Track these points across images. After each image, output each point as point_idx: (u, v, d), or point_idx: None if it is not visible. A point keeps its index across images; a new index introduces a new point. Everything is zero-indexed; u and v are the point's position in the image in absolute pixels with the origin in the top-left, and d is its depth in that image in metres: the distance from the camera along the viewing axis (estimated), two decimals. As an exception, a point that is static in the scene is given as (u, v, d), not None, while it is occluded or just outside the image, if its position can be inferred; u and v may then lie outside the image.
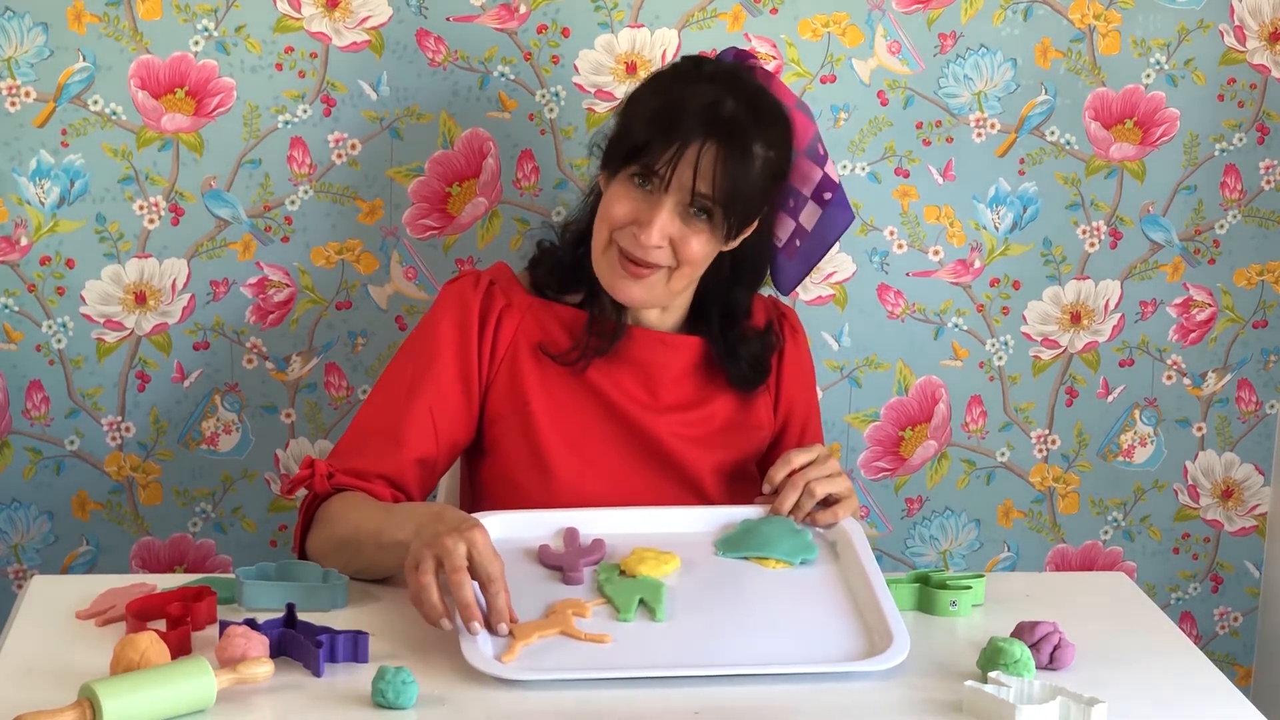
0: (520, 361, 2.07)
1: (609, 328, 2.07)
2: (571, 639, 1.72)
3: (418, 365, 2.05)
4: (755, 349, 2.14)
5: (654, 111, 1.97)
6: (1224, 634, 2.72)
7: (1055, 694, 1.60)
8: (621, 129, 2.03)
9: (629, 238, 1.98)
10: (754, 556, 1.89)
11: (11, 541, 2.44)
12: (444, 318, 2.07)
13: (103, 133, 2.32)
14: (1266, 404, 2.64)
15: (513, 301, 2.09)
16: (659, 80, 2.05)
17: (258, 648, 1.64)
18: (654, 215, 1.96)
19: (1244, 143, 2.54)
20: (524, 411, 2.06)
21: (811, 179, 2.12)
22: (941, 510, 2.61)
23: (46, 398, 2.39)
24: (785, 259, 2.16)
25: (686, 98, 1.97)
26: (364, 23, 2.34)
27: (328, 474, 1.96)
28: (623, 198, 1.98)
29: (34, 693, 1.58)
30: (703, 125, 1.94)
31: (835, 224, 2.13)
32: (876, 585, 1.82)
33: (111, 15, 2.29)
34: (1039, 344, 2.57)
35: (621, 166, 1.99)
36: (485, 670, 1.65)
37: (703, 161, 1.94)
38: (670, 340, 2.10)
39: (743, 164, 1.95)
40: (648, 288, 2.01)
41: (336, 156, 2.38)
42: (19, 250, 2.35)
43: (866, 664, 1.70)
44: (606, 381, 2.07)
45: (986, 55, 2.45)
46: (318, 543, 1.94)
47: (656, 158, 1.94)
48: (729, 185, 1.95)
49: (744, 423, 2.14)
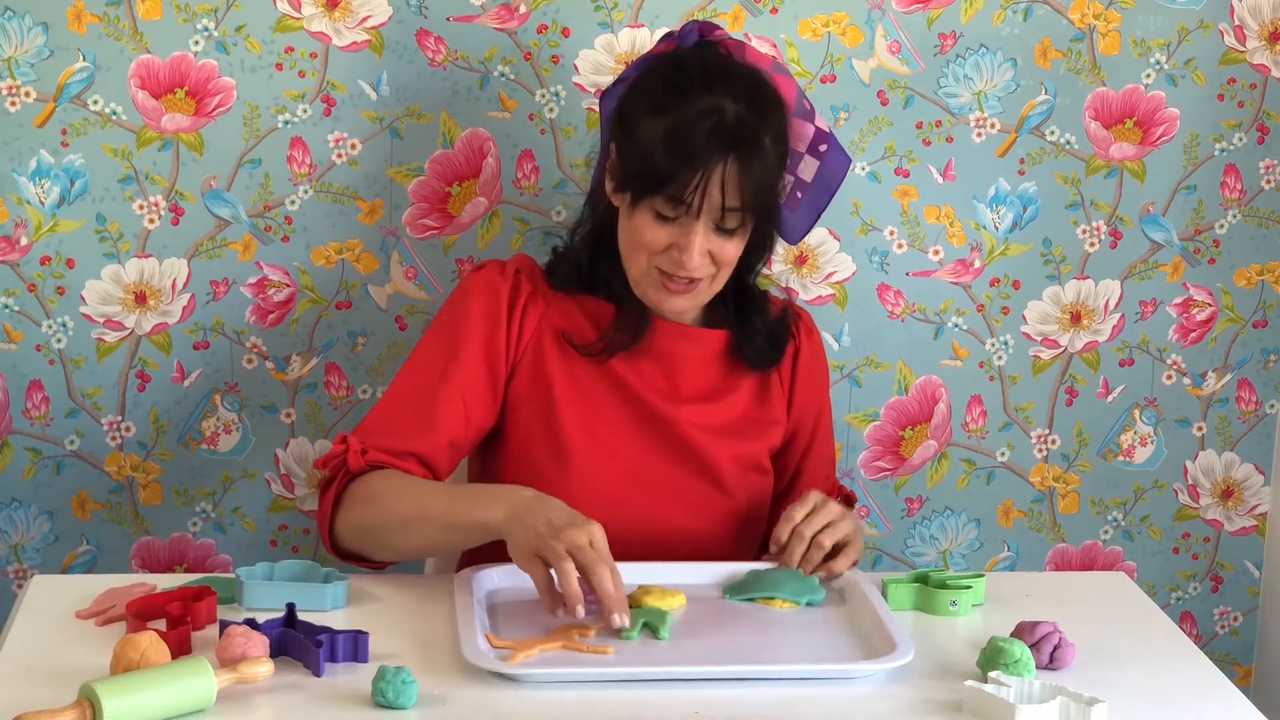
0: (544, 348, 2.08)
1: (633, 321, 2.08)
2: (574, 651, 1.73)
3: (449, 348, 2.06)
4: (771, 324, 2.15)
5: (664, 139, 1.94)
6: (1224, 634, 2.72)
7: (1055, 694, 1.60)
8: (633, 155, 1.99)
9: (669, 262, 1.99)
10: (760, 598, 1.91)
11: (11, 541, 2.44)
12: (474, 302, 2.08)
13: (103, 133, 2.32)
14: (1266, 404, 2.64)
15: (538, 290, 2.10)
16: (650, 96, 2.00)
17: (258, 648, 1.64)
18: (690, 240, 1.96)
19: (1244, 143, 2.54)
20: (546, 397, 2.07)
21: (805, 135, 2.11)
22: (941, 510, 2.61)
23: (46, 397, 2.39)
24: (788, 211, 2.14)
25: (690, 116, 1.94)
26: (364, 23, 2.34)
27: (361, 450, 1.97)
28: (650, 228, 1.98)
29: (34, 692, 1.59)
30: (719, 143, 1.93)
31: (836, 171, 2.13)
32: (884, 615, 1.82)
33: (111, 15, 2.29)
34: (1039, 344, 2.57)
35: (642, 196, 1.97)
36: (488, 667, 1.65)
37: (727, 180, 1.93)
38: (693, 333, 2.11)
39: (762, 163, 1.96)
40: (694, 297, 2.04)
41: (336, 156, 2.38)
42: (19, 250, 2.35)
43: (867, 665, 1.70)
44: (629, 371, 2.08)
45: (986, 55, 2.45)
46: (354, 520, 1.95)
47: (683, 188, 1.93)
48: (755, 190, 1.96)
49: (760, 417, 2.15)
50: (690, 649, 1.76)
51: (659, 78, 2.02)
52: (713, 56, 2.03)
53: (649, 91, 2.01)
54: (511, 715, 1.60)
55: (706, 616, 1.86)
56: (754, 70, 2.03)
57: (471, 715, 1.59)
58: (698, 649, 1.76)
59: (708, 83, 1.97)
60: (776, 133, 2.00)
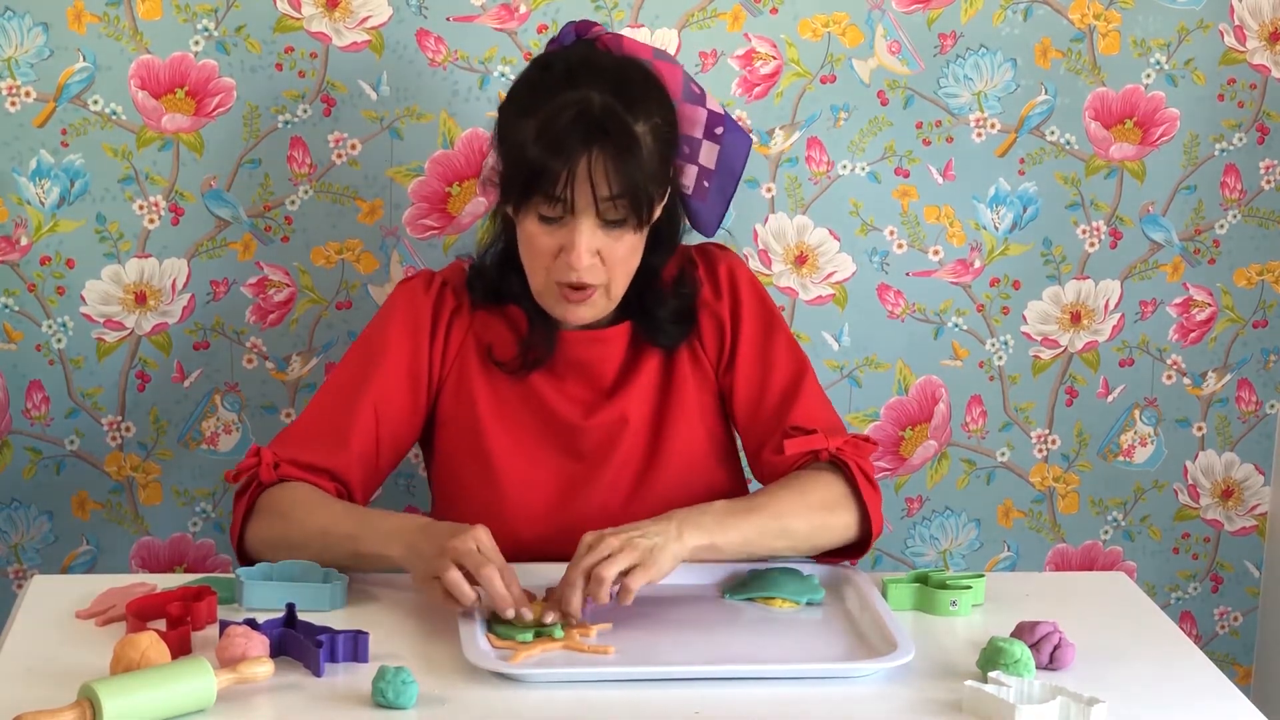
0: (469, 365, 2.07)
1: (544, 336, 2.06)
2: (574, 651, 1.74)
3: (366, 364, 2.06)
4: (672, 305, 2.08)
5: (533, 139, 1.92)
6: (1224, 634, 2.72)
7: (1055, 694, 1.60)
8: (508, 161, 1.98)
9: (561, 269, 1.96)
10: (760, 597, 1.91)
11: (11, 541, 2.44)
12: (395, 318, 2.07)
13: (103, 133, 2.32)
14: (1266, 404, 2.64)
15: (463, 304, 2.09)
16: (519, 100, 1.99)
17: (258, 648, 1.64)
18: (575, 239, 1.93)
19: (1244, 143, 2.54)
20: (471, 415, 2.06)
21: (698, 120, 2.08)
22: (941, 510, 2.61)
23: (46, 397, 2.39)
24: (699, 204, 2.11)
25: (554, 111, 1.92)
26: (364, 23, 2.34)
27: (274, 464, 1.97)
28: (539, 234, 1.96)
29: (34, 692, 1.59)
30: (581, 135, 1.90)
31: (738, 152, 2.10)
32: (885, 615, 1.82)
33: (111, 15, 2.29)
34: (1039, 344, 2.57)
35: (522, 200, 1.96)
36: (488, 667, 1.65)
37: (595, 171, 1.90)
38: (600, 335, 2.08)
39: (633, 153, 1.91)
40: (593, 306, 2.01)
41: (336, 156, 2.38)
42: (19, 250, 2.35)
43: (867, 665, 1.70)
44: (549, 389, 2.06)
45: (986, 55, 2.45)
46: (262, 531, 1.95)
47: (553, 184, 1.91)
48: (629, 179, 1.91)
49: (689, 392, 2.09)
50: (690, 649, 1.76)
51: (527, 80, 2.01)
52: (580, 52, 2.00)
53: (518, 95, 2.00)
54: (511, 715, 1.60)
55: (706, 617, 1.86)
56: (625, 60, 2.00)
57: (471, 715, 1.60)
58: (698, 649, 1.76)
59: (571, 77, 1.94)
60: (649, 116, 1.95)
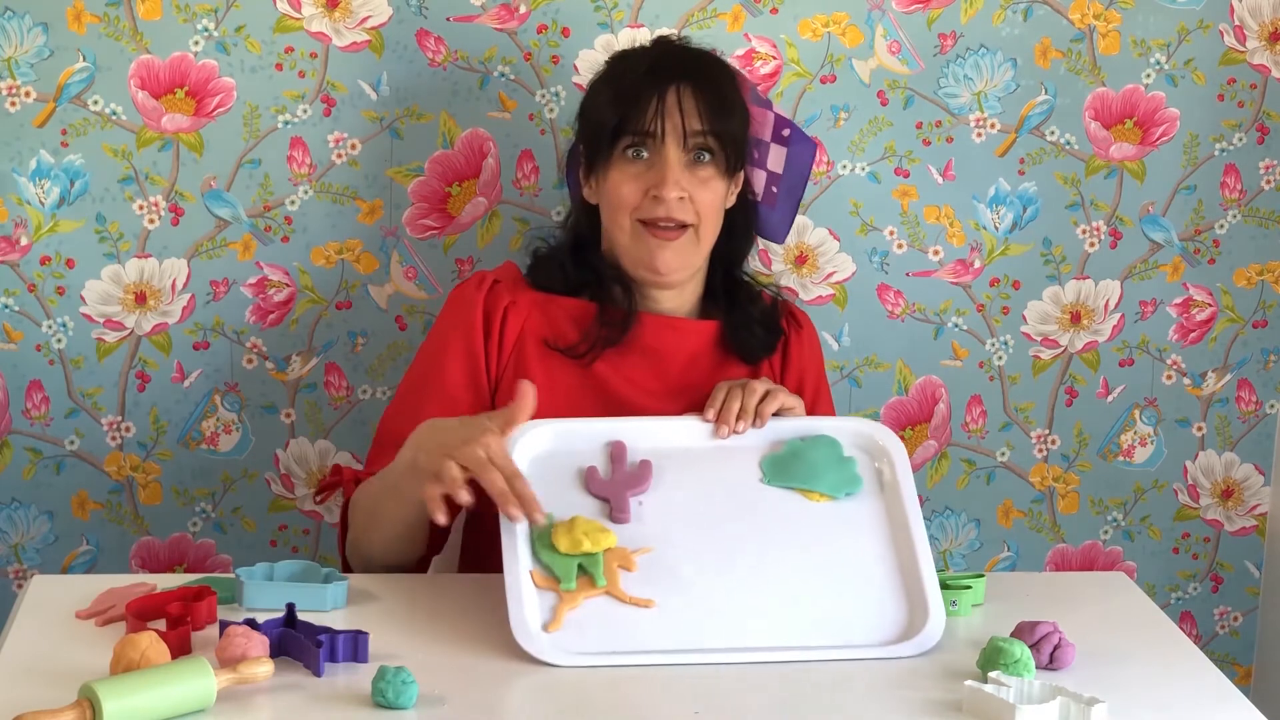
0: (526, 357, 2.08)
1: (619, 316, 2.07)
2: (618, 602, 1.74)
3: (426, 372, 2.08)
4: (765, 310, 2.16)
5: (616, 91, 2.04)
6: (1224, 634, 2.72)
7: (1055, 694, 1.60)
8: (592, 121, 2.08)
9: (649, 206, 2.02)
10: (799, 488, 1.89)
11: (11, 541, 2.44)
12: (449, 323, 2.10)
13: (103, 133, 2.32)
14: (1266, 404, 2.64)
15: (518, 299, 2.10)
16: (600, 78, 2.12)
17: (258, 648, 1.64)
18: (664, 171, 2.01)
19: (1244, 143, 2.54)
20: None
21: (766, 122, 2.20)
22: (941, 510, 2.61)
23: (46, 397, 2.39)
24: (768, 209, 2.21)
25: (639, 66, 2.05)
26: (364, 23, 2.34)
27: (355, 480, 2.02)
28: (627, 178, 2.03)
29: (34, 692, 1.58)
30: (669, 72, 2.02)
31: (804, 156, 2.20)
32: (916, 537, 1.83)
33: (111, 15, 2.29)
34: (1039, 344, 2.57)
35: (611, 148, 2.03)
36: (530, 650, 1.67)
37: (685, 101, 2.01)
38: (681, 325, 2.11)
39: (718, 94, 2.04)
40: (681, 252, 2.04)
41: (336, 156, 2.38)
42: (19, 250, 2.35)
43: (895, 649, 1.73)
44: (614, 374, 2.08)
45: (986, 55, 2.45)
46: (352, 536, 2.00)
47: (643, 118, 2.00)
48: (716, 114, 2.03)
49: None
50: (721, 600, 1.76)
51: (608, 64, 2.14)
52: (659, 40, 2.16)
53: (599, 78, 2.13)
54: (512, 715, 1.60)
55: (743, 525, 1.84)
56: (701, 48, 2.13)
57: (471, 715, 1.60)
58: (727, 601, 1.76)
59: (650, 50, 2.11)
60: (729, 83, 2.08)
